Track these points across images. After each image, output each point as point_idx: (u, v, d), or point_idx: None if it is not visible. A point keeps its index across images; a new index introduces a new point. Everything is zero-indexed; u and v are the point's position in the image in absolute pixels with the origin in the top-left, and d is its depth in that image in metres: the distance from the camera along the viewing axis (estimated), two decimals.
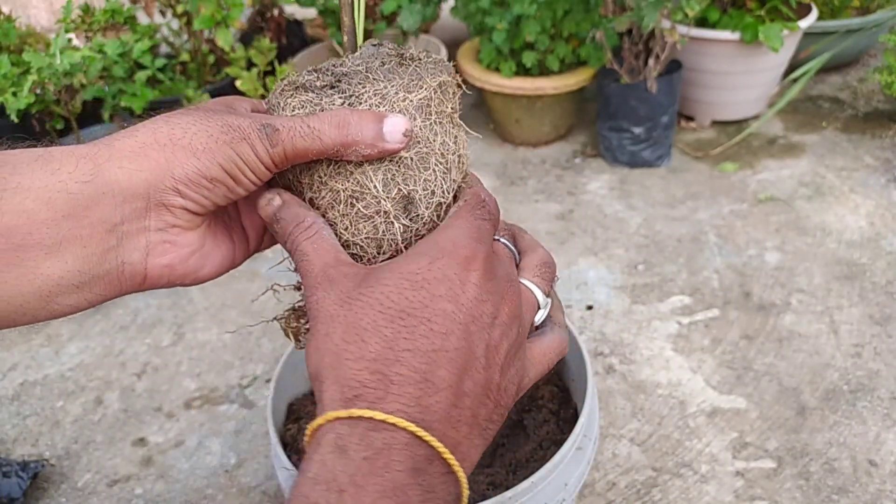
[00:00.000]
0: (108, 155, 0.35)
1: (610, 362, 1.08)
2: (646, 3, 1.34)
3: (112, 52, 1.33)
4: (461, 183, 0.43)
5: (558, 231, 1.38)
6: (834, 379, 1.02)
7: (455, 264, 0.35)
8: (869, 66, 1.93)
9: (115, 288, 0.37)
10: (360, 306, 0.34)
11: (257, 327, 1.20)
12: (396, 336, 0.33)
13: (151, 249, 0.37)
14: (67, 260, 0.34)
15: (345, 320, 0.34)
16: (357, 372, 0.33)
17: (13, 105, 1.20)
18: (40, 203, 0.32)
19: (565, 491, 0.64)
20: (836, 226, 1.33)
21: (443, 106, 0.41)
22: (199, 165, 0.35)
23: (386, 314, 0.34)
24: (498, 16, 1.50)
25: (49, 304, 0.34)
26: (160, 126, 0.36)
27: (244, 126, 0.36)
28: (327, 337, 0.34)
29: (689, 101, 1.68)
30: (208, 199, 0.37)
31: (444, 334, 0.34)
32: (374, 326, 0.34)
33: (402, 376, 0.33)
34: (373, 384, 0.33)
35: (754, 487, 0.88)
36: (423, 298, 0.34)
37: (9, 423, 1.05)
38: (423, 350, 0.33)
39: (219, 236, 0.42)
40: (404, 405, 0.33)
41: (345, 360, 0.33)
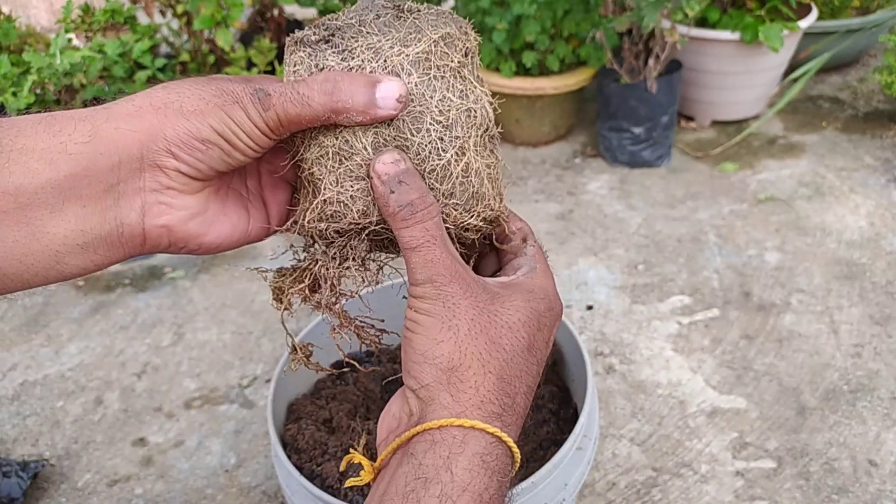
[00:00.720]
0: (105, 117, 0.35)
1: (610, 362, 1.08)
2: (646, 3, 1.34)
3: (112, 52, 1.33)
4: (482, 143, 0.41)
5: (558, 231, 1.38)
6: (834, 379, 1.02)
7: (555, 316, 0.41)
8: (869, 66, 1.93)
9: (117, 249, 0.37)
10: (499, 325, 0.37)
11: (257, 328, 1.20)
12: (523, 368, 0.38)
13: (147, 210, 0.37)
14: (70, 219, 0.35)
15: (486, 333, 0.37)
16: (498, 391, 0.36)
17: (13, 105, 1.20)
18: (43, 163, 0.33)
19: (565, 491, 0.64)
20: (836, 226, 1.33)
21: (447, 60, 0.39)
22: (190, 127, 0.36)
23: (521, 344, 0.38)
24: (498, 16, 1.50)
25: (57, 264, 0.35)
26: (157, 91, 0.37)
27: (237, 90, 0.37)
28: (471, 338, 0.36)
29: (689, 101, 1.68)
30: (203, 161, 0.37)
31: (537, 376, 0.40)
32: (512, 351, 0.37)
33: (521, 408, 0.38)
34: (507, 408, 0.37)
35: (754, 487, 0.88)
36: (541, 341, 0.39)
37: (9, 423, 1.05)
38: (530, 387, 0.39)
39: (229, 205, 0.41)
40: (514, 435, 0.37)
41: (489, 372, 0.36)
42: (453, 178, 0.39)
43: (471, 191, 0.40)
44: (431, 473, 0.34)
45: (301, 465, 0.70)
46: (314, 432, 0.73)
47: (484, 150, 0.41)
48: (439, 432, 0.35)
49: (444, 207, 0.40)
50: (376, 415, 0.76)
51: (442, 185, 0.39)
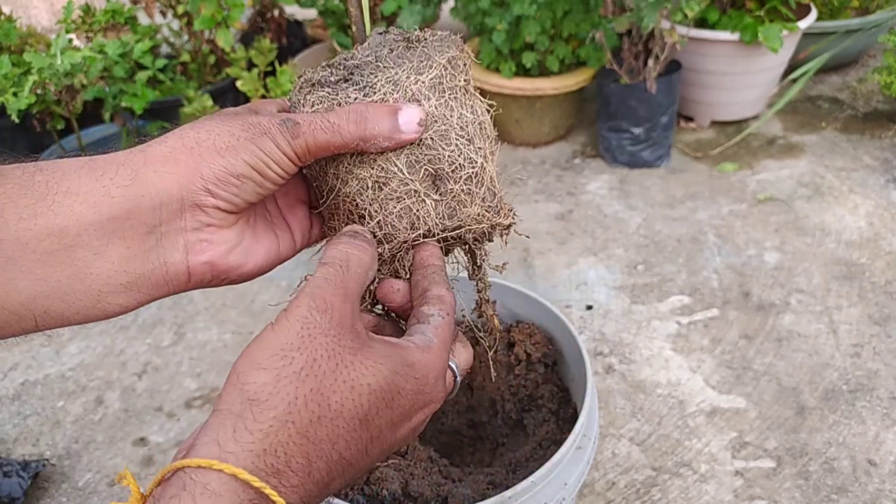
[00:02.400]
0: (143, 161, 0.36)
1: (609, 362, 1.08)
2: (645, 4, 1.35)
3: (113, 52, 1.33)
4: (493, 152, 0.44)
5: (558, 231, 1.38)
6: (833, 379, 1.02)
7: (422, 402, 0.37)
8: (868, 66, 1.94)
9: (162, 287, 0.38)
10: (342, 379, 0.33)
11: (258, 327, 1.20)
12: (343, 436, 0.33)
13: (190, 248, 0.38)
14: (114, 260, 0.36)
15: (321, 381, 0.33)
16: (293, 446, 0.32)
17: (14, 105, 1.20)
18: (87, 206, 0.34)
19: (565, 490, 0.64)
20: (835, 226, 1.33)
21: (455, 80, 0.42)
22: (225, 164, 0.37)
23: (353, 410, 0.34)
24: (498, 16, 1.51)
25: (100, 303, 0.36)
26: (187, 132, 0.38)
27: (264, 123, 0.38)
28: (296, 380, 0.32)
29: (688, 101, 1.68)
30: (238, 196, 0.38)
31: (369, 457, 0.35)
32: (336, 412, 0.33)
33: (319, 475, 0.33)
34: (296, 469, 0.32)
35: (753, 487, 0.88)
36: (384, 419, 0.35)
37: (10, 423, 1.05)
38: (348, 461, 0.34)
39: (259, 232, 0.43)
40: (298, 499, 0.32)
41: (291, 423, 0.32)
42: (485, 184, 0.43)
43: (497, 196, 0.44)
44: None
45: None
46: None
47: (495, 159, 0.45)
48: (194, 475, 0.30)
49: (482, 210, 0.43)
50: None
51: (478, 190, 0.43)
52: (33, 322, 0.34)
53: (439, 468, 0.71)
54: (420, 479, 0.67)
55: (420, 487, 0.66)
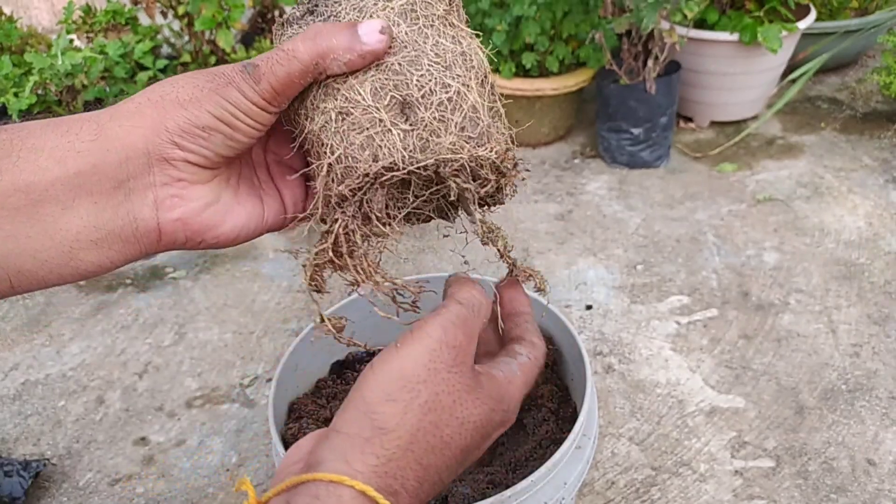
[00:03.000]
0: (109, 116, 0.37)
1: (609, 362, 1.08)
2: (645, 5, 1.35)
3: (113, 52, 1.33)
4: (482, 87, 0.41)
5: (557, 231, 1.39)
6: (832, 378, 1.02)
7: (500, 426, 0.40)
8: (867, 66, 1.94)
9: (133, 246, 0.38)
10: (456, 415, 0.36)
11: (258, 327, 1.20)
12: (448, 463, 0.37)
13: (160, 204, 0.37)
14: (82, 215, 0.35)
15: (440, 415, 0.36)
16: (409, 472, 0.35)
17: (14, 105, 1.20)
18: (53, 161, 0.34)
19: (564, 490, 0.64)
20: (834, 226, 1.34)
21: (432, 9, 0.39)
22: (189, 115, 0.37)
23: (460, 442, 0.37)
24: (497, 17, 1.51)
25: (72, 260, 0.36)
26: (154, 87, 0.38)
27: (227, 71, 0.37)
28: (421, 413, 0.35)
29: (687, 101, 1.68)
30: (207, 148, 0.37)
31: (456, 473, 0.38)
32: (446, 444, 0.36)
33: (424, 495, 0.36)
34: (410, 491, 0.35)
35: (753, 486, 0.88)
36: (477, 451, 0.39)
37: (10, 423, 1.06)
38: (443, 482, 0.37)
39: (242, 194, 0.42)
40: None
41: (411, 451, 0.35)
42: (465, 111, 0.39)
43: (482, 126, 0.40)
44: None
45: None
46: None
47: (485, 93, 0.41)
48: (326, 488, 0.33)
49: (459, 140, 0.38)
50: None
51: (454, 117, 0.38)
52: (8, 283, 0.35)
53: None
54: None
55: None
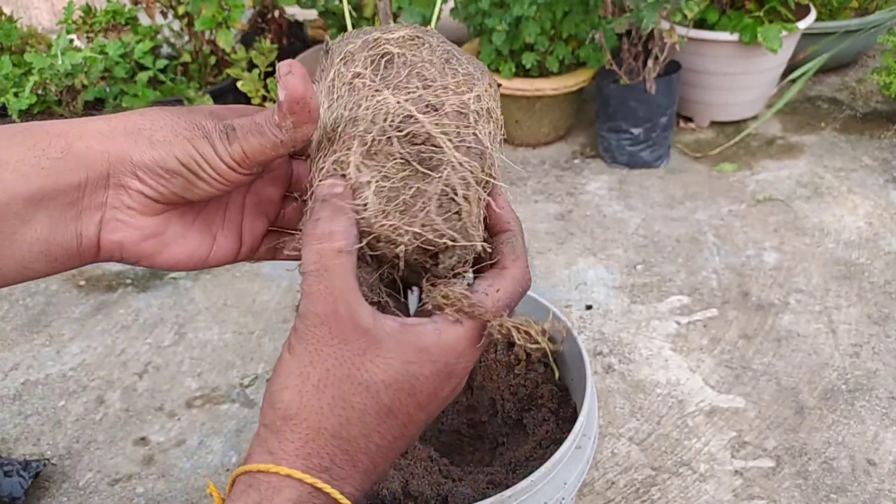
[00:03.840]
0: (79, 134, 0.37)
1: (609, 362, 1.08)
2: (645, 5, 1.35)
3: (113, 52, 1.33)
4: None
5: (557, 231, 1.39)
6: (832, 378, 1.02)
7: (444, 378, 0.37)
8: (867, 66, 1.94)
9: (74, 257, 0.39)
10: (357, 381, 0.35)
11: (258, 327, 1.20)
12: (375, 429, 0.36)
13: (105, 224, 0.39)
14: (37, 228, 0.37)
15: (339, 388, 0.35)
16: (332, 447, 0.35)
17: (15, 105, 1.20)
18: (17, 175, 0.35)
19: (565, 490, 0.64)
20: (834, 226, 1.34)
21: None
22: (156, 156, 0.37)
23: (376, 406, 0.36)
24: (498, 17, 1.51)
25: (24, 269, 0.37)
26: (133, 116, 0.38)
27: (209, 126, 0.38)
28: (316, 392, 0.35)
29: (687, 101, 1.68)
30: (166, 188, 0.38)
31: (406, 437, 0.38)
32: (361, 411, 0.35)
33: (364, 466, 0.36)
34: (341, 464, 0.35)
35: (753, 486, 0.88)
36: (410, 406, 0.36)
37: (10, 423, 1.06)
38: (387, 447, 0.37)
39: (193, 230, 0.42)
40: (354, 489, 0.36)
41: (324, 429, 0.35)
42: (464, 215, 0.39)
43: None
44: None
45: None
46: None
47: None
48: (256, 476, 0.34)
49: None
50: None
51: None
52: None
53: (439, 467, 0.71)
54: (420, 479, 0.67)
55: (420, 487, 0.67)
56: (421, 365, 0.36)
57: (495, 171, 0.40)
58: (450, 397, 0.39)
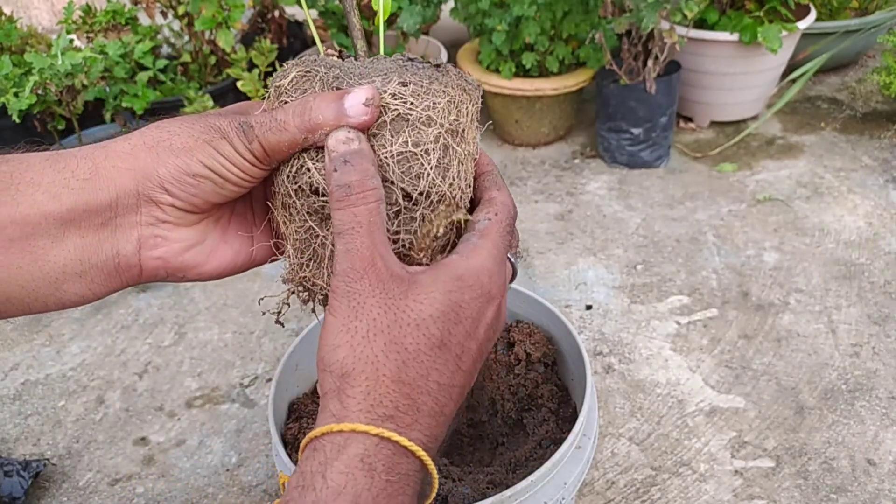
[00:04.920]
0: (104, 156, 0.38)
1: (609, 362, 1.08)
2: (645, 5, 1.35)
3: (113, 52, 1.33)
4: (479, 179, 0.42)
5: (557, 231, 1.39)
6: (832, 378, 1.02)
7: (485, 301, 0.38)
8: (867, 66, 1.94)
9: (114, 279, 0.39)
10: (405, 323, 0.36)
11: (258, 327, 1.20)
12: (432, 367, 0.36)
13: (143, 243, 0.39)
14: (70, 248, 0.37)
15: (389, 333, 0.35)
16: (393, 393, 0.35)
17: (15, 105, 1.20)
18: (48, 196, 0.36)
19: (565, 490, 0.64)
20: (834, 226, 1.34)
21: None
22: (180, 164, 0.38)
23: (429, 341, 0.36)
24: (498, 17, 1.51)
25: (57, 291, 0.37)
26: (150, 131, 0.39)
27: (224, 126, 0.39)
28: (367, 341, 0.35)
29: (687, 101, 1.68)
30: (196, 195, 0.39)
31: (464, 371, 0.38)
32: (416, 351, 0.36)
33: (428, 408, 0.36)
34: (405, 409, 0.35)
35: (753, 486, 0.88)
36: (459, 335, 0.37)
37: (10, 423, 1.06)
38: (447, 384, 0.37)
39: (231, 233, 0.43)
40: (422, 434, 0.36)
41: (383, 375, 0.35)
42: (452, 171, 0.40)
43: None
44: (308, 481, 0.34)
45: None
46: None
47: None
48: (321, 440, 0.35)
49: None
50: None
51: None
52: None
53: (439, 467, 0.71)
54: None
55: None
56: (461, 291, 0.37)
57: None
58: (495, 325, 0.40)
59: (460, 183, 0.40)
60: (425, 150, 0.38)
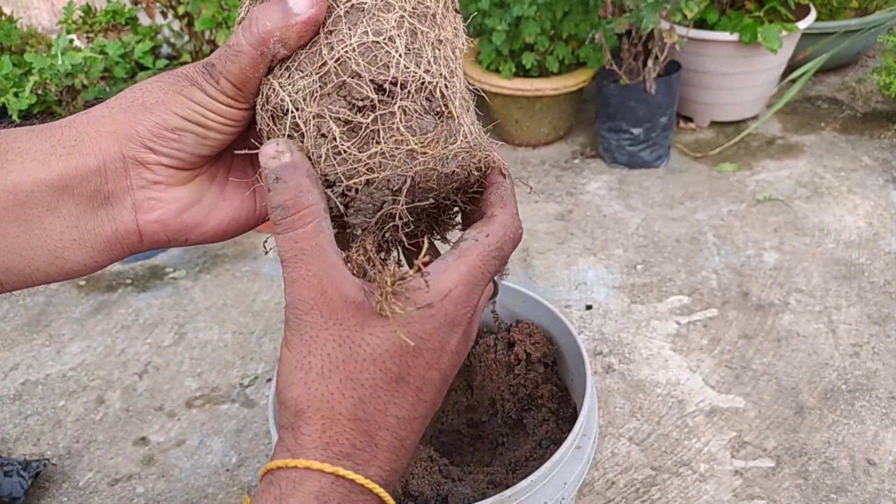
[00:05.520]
0: (86, 122, 0.38)
1: (609, 362, 1.08)
2: (645, 5, 1.35)
3: (113, 52, 1.33)
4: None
5: (557, 231, 1.39)
6: (832, 378, 1.02)
7: (448, 329, 0.36)
8: (867, 66, 1.94)
9: (115, 247, 0.39)
10: (361, 358, 0.34)
11: (258, 327, 1.20)
12: (390, 401, 0.35)
13: (138, 207, 0.38)
14: (65, 216, 0.37)
15: (345, 369, 0.34)
16: (350, 431, 0.34)
17: (15, 105, 1.20)
18: (37, 164, 0.36)
19: (565, 490, 0.64)
20: (834, 226, 1.34)
21: None
22: (156, 119, 0.37)
23: (386, 377, 0.34)
24: (498, 17, 1.51)
25: (57, 259, 0.37)
26: (126, 92, 0.39)
27: (189, 72, 0.38)
28: (322, 378, 0.34)
29: (687, 101, 1.68)
30: (181, 150, 0.38)
31: (426, 402, 0.36)
32: (372, 387, 0.34)
33: (387, 443, 0.35)
34: (362, 447, 0.34)
35: (753, 486, 0.88)
36: (420, 367, 0.35)
37: (10, 423, 1.06)
38: (407, 417, 0.35)
39: (229, 189, 0.42)
40: (381, 470, 0.35)
41: (338, 414, 0.34)
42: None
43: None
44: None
45: None
46: None
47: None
48: (276, 473, 0.34)
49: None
50: None
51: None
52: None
53: (439, 467, 0.71)
54: (420, 479, 0.67)
55: (420, 487, 0.67)
56: (422, 322, 0.35)
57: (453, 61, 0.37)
58: (460, 351, 0.37)
59: (440, 69, 0.36)
60: (389, 38, 0.35)
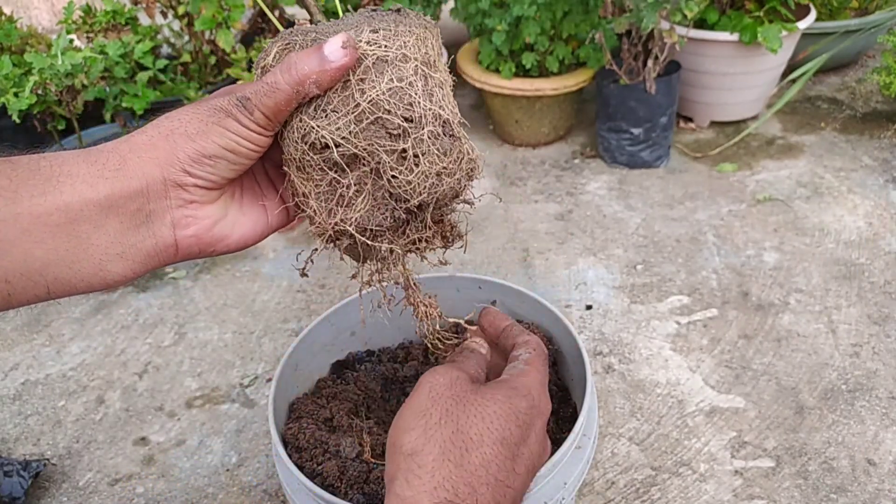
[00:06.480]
0: (128, 148, 0.42)
1: (609, 362, 1.08)
2: (645, 5, 1.35)
3: (113, 52, 1.33)
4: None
5: (557, 231, 1.39)
6: (832, 378, 1.02)
7: (536, 413, 0.45)
8: (867, 66, 1.94)
9: (153, 258, 0.43)
10: (471, 415, 0.42)
11: (258, 327, 1.20)
12: (492, 459, 0.41)
13: (176, 223, 0.43)
14: (110, 233, 0.41)
15: (457, 422, 0.41)
16: (455, 478, 0.39)
17: (15, 106, 1.20)
18: (86, 186, 0.40)
19: (564, 490, 0.64)
20: (834, 226, 1.34)
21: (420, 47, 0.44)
22: (197, 147, 0.42)
23: (490, 435, 0.41)
24: (498, 17, 1.51)
25: (101, 271, 0.41)
26: (162, 122, 0.43)
27: (225, 105, 0.43)
28: (439, 427, 0.41)
29: (687, 101, 1.68)
30: (214, 173, 0.43)
31: (518, 475, 0.42)
32: (478, 441, 0.41)
33: (486, 499, 0.39)
34: (465, 496, 0.39)
35: (753, 486, 0.88)
36: (515, 436, 0.42)
37: (10, 423, 1.06)
38: (504, 482, 0.41)
39: (246, 205, 0.48)
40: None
41: (447, 460, 0.39)
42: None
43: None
44: None
45: (302, 464, 0.70)
46: (315, 431, 0.73)
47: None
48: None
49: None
50: (377, 413, 0.77)
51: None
52: (45, 289, 0.40)
53: None
54: None
55: None
56: (518, 398, 0.44)
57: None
58: (542, 442, 0.46)
59: (445, 104, 0.45)
60: (409, 83, 0.43)
